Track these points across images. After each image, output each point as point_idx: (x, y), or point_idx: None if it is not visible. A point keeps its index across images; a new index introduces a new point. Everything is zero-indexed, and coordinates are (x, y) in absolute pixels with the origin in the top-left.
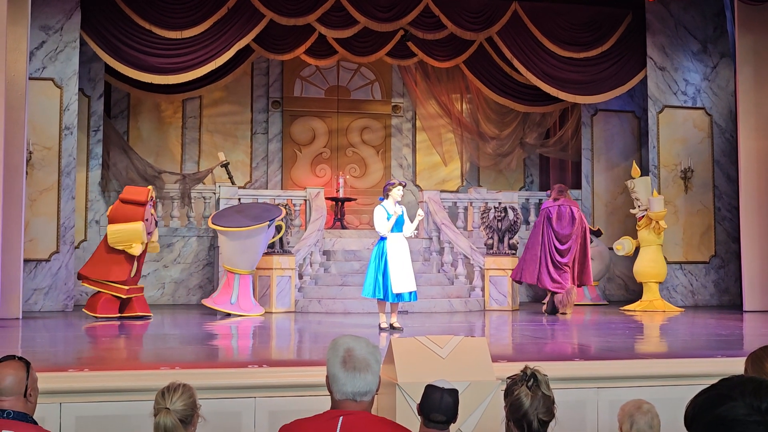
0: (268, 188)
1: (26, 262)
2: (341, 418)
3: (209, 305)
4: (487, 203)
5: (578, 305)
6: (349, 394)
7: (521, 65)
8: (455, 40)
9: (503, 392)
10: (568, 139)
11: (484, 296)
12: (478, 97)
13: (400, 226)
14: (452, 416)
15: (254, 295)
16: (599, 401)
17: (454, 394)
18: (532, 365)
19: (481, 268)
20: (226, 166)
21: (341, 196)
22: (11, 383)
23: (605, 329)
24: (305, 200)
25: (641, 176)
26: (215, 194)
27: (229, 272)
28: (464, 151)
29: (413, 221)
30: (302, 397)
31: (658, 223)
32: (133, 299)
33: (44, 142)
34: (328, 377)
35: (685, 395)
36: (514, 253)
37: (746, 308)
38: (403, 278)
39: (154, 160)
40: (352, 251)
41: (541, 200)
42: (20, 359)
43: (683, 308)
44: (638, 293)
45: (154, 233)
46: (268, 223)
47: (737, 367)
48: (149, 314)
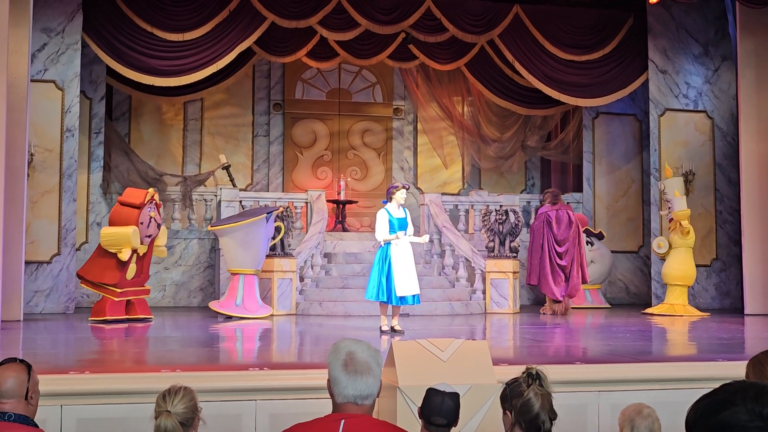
0: (269, 190)
1: (27, 264)
2: (343, 421)
3: (215, 309)
4: (488, 206)
5: (580, 308)
6: (350, 397)
7: (523, 68)
8: (456, 42)
9: (500, 398)
10: (569, 141)
11: (485, 299)
12: (479, 99)
13: (404, 228)
14: (453, 419)
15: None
16: (600, 405)
17: (455, 397)
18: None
19: (482, 270)
20: (227, 168)
21: (342, 198)
22: (12, 386)
23: (606, 332)
24: (306, 203)
25: (673, 176)
26: (216, 196)
27: (233, 275)
28: (465, 153)
29: (419, 237)
30: (303, 400)
31: (680, 224)
32: (133, 301)
33: (46, 144)
34: (329, 380)
35: (686, 399)
36: (515, 255)
37: (747, 312)
38: (406, 281)
39: (155, 162)
40: (353, 254)
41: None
42: (21, 362)
43: (686, 315)
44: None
45: (160, 237)
46: (265, 215)
47: (738, 370)
48: (150, 317)
